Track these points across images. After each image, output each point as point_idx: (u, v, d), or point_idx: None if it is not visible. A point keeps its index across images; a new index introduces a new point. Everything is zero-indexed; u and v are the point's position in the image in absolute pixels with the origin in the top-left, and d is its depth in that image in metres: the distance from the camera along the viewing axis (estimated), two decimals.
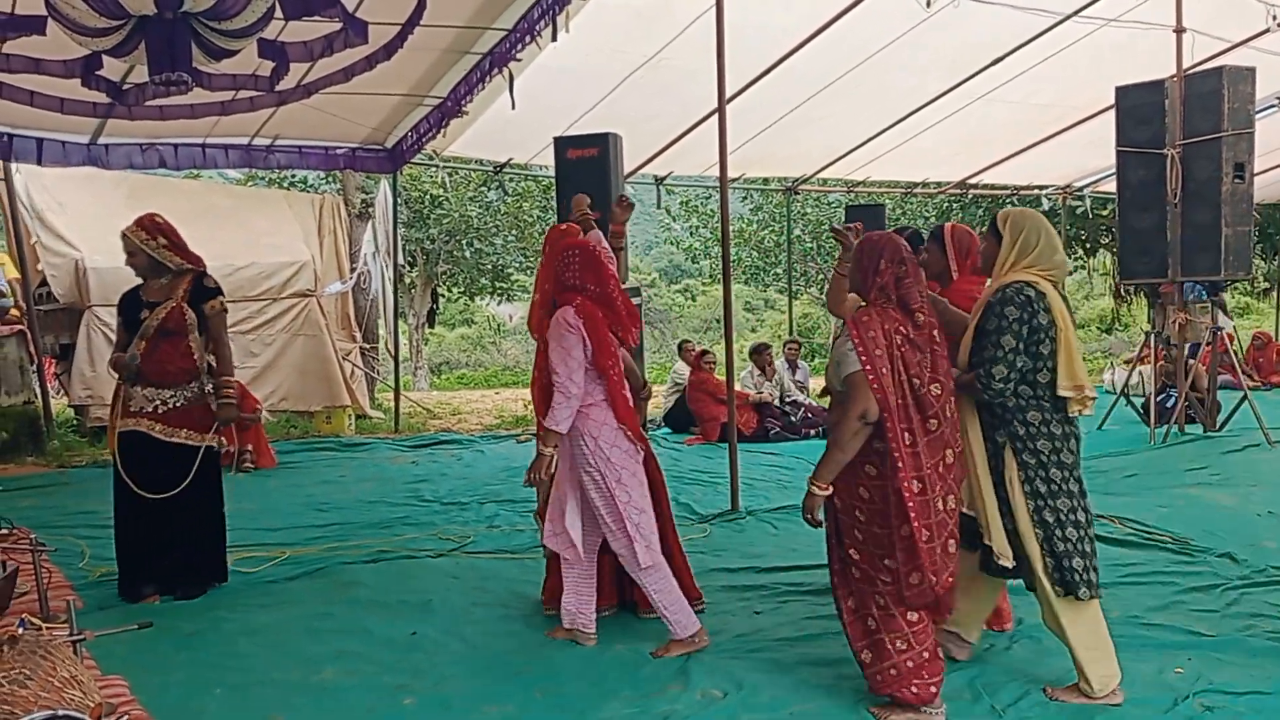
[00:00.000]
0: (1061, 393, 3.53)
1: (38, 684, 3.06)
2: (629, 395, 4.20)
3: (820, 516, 3.50)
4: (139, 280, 4.99)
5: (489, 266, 20.77)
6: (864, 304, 3.54)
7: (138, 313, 4.89)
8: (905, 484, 3.32)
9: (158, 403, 4.84)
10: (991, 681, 3.66)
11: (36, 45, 4.94)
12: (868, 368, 3.34)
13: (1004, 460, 3.58)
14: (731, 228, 7.29)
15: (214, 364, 4.96)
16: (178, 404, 4.87)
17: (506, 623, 4.53)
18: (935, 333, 3.49)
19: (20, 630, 3.30)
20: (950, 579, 3.43)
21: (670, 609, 4.08)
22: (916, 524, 3.32)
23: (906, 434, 3.36)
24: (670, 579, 4.13)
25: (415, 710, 3.59)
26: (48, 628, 3.63)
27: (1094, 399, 3.64)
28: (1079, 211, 15.53)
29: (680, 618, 4.08)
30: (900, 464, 3.32)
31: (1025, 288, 3.54)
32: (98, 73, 5.19)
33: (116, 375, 4.94)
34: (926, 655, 3.42)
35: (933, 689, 3.41)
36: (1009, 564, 3.58)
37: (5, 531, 5.49)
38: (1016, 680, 3.68)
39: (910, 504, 3.32)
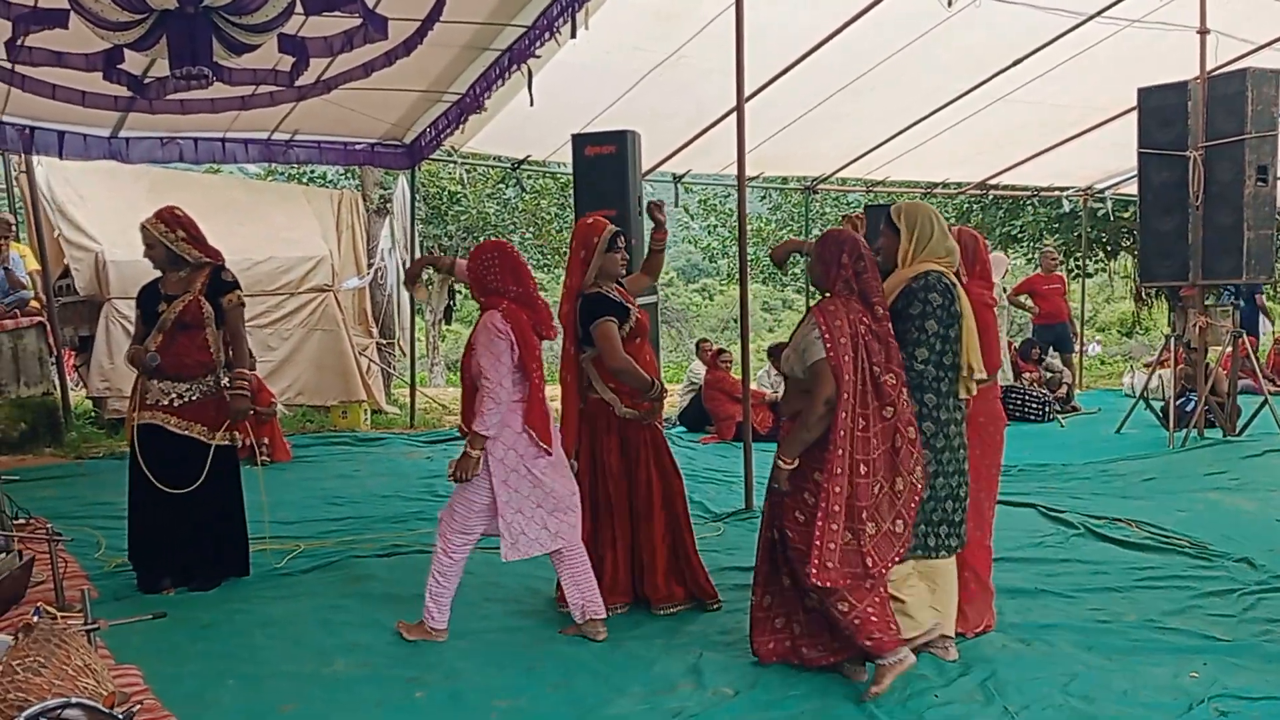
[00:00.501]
0: (967, 374, 3.78)
1: (52, 672, 3.08)
2: (544, 397, 4.26)
3: (786, 488, 3.66)
4: (158, 273, 5.01)
5: None
6: (827, 295, 3.74)
7: (156, 305, 4.91)
8: (830, 466, 3.51)
9: (174, 396, 4.86)
10: (1003, 683, 3.64)
11: (59, 39, 4.97)
12: (832, 355, 3.53)
13: None
14: (749, 227, 7.27)
15: (230, 357, 4.99)
16: (193, 397, 4.89)
17: (518, 618, 4.53)
18: (889, 324, 3.66)
19: (35, 619, 3.33)
20: (896, 558, 3.62)
21: (440, 595, 4.25)
22: (825, 506, 3.51)
23: (861, 419, 3.54)
24: (452, 571, 4.27)
25: (426, 703, 3.60)
26: (63, 617, 3.66)
27: (984, 378, 3.90)
28: (1100, 213, 15.43)
29: (438, 612, 4.24)
30: (837, 447, 3.51)
31: (942, 277, 3.78)
32: (119, 66, 5.22)
33: (134, 368, 4.97)
34: (872, 610, 3.56)
35: (887, 639, 3.55)
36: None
37: (22, 521, 5.53)
38: (1028, 682, 3.65)
39: (824, 484, 3.52)
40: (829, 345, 3.54)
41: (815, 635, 3.77)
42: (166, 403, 4.85)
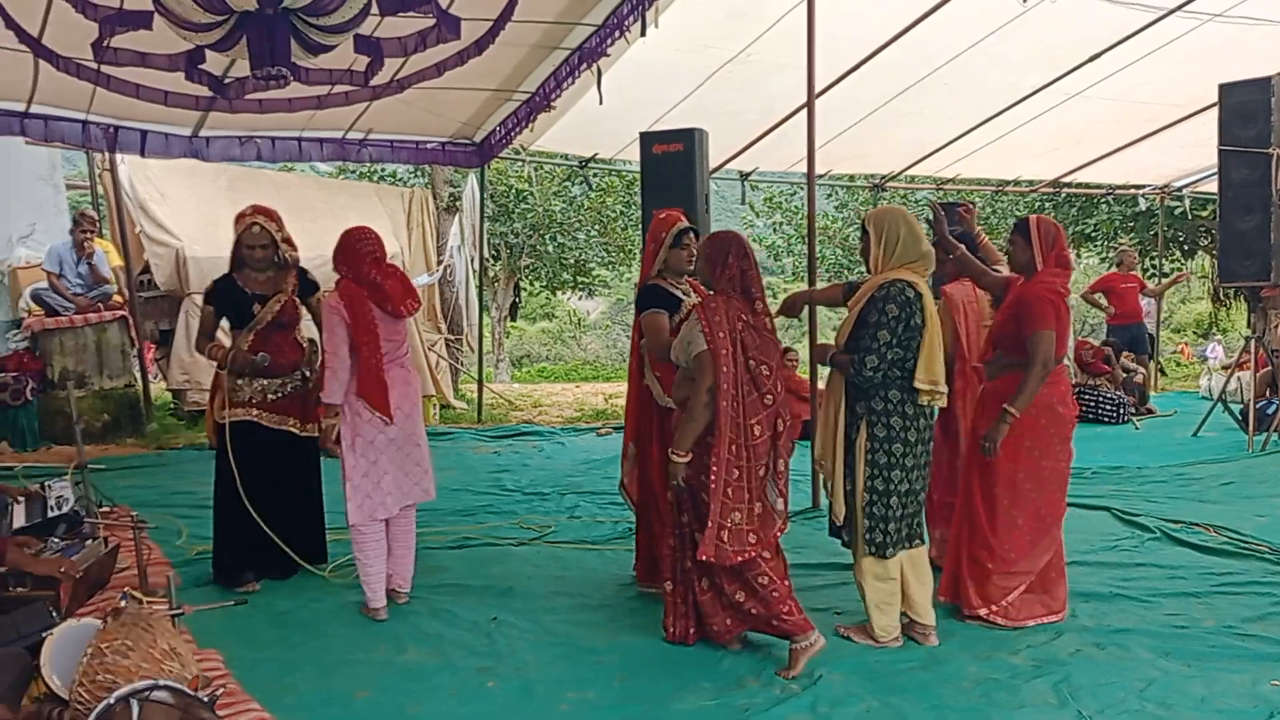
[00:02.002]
0: (917, 385, 3.93)
1: (139, 655, 3.18)
2: (379, 368, 4.47)
3: (682, 481, 3.89)
4: (232, 270, 5.04)
5: (571, 261, 20.90)
6: (712, 292, 4.00)
7: (246, 305, 4.95)
8: (718, 451, 3.77)
9: (266, 393, 4.93)
10: (1077, 687, 3.59)
11: (143, 40, 5.09)
12: (711, 347, 3.79)
13: (859, 429, 4.00)
14: (816, 225, 7.23)
15: (321, 354, 5.05)
16: (285, 392, 4.99)
17: (586, 611, 4.57)
18: (769, 320, 3.96)
19: (123, 603, 3.43)
20: (778, 533, 3.97)
21: (362, 576, 4.54)
22: (715, 487, 3.78)
23: (739, 405, 3.80)
24: (367, 549, 4.52)
25: (498, 693, 3.65)
26: (148, 602, 3.78)
27: (944, 394, 4.02)
28: (1177, 212, 15.07)
29: (367, 590, 4.51)
30: (723, 434, 3.77)
31: (907, 288, 3.92)
32: (200, 67, 5.33)
33: (227, 368, 4.92)
34: (777, 593, 3.86)
35: (800, 620, 3.84)
36: (839, 521, 4.07)
37: (107, 509, 5.71)
38: (1103, 686, 3.60)
39: (713, 468, 3.77)
40: (709, 338, 3.80)
41: (718, 613, 3.99)
42: (260, 399, 4.92)
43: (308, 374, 5.05)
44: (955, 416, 4.93)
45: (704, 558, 3.78)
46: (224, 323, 5.06)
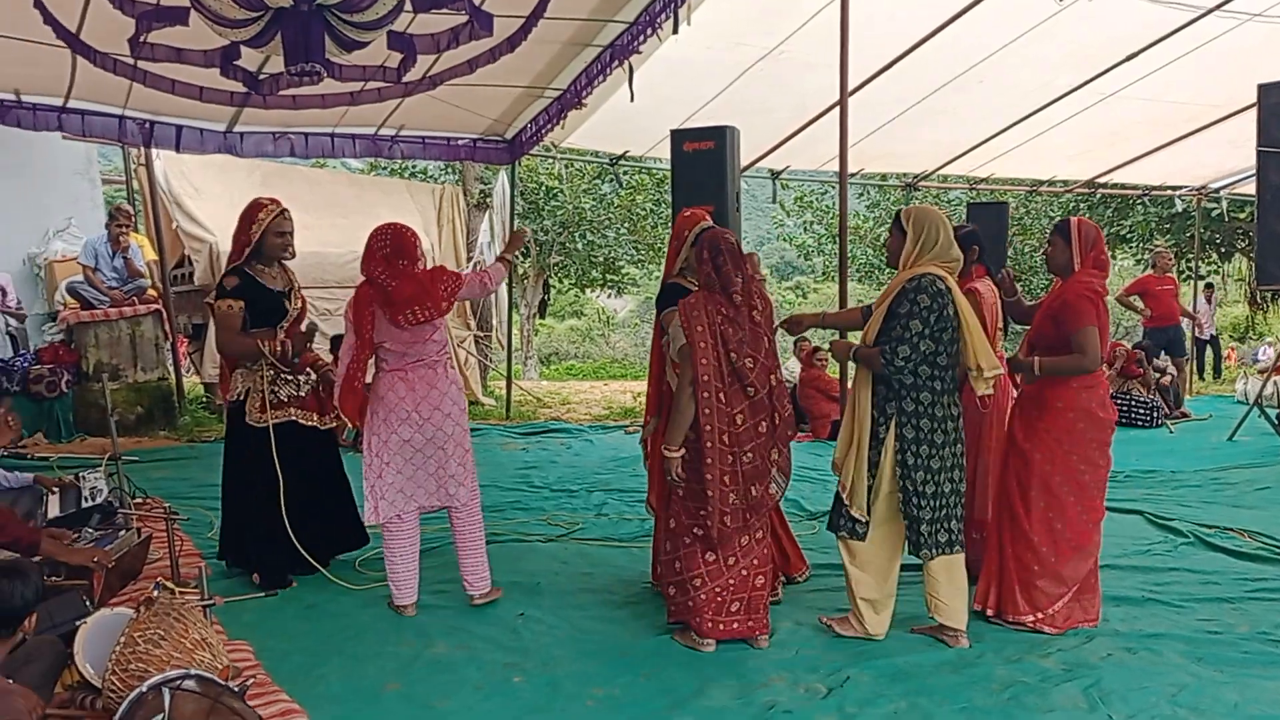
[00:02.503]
0: (983, 373, 3.95)
1: (171, 644, 3.22)
2: (355, 375, 4.44)
3: (681, 474, 4.00)
4: (244, 264, 4.88)
5: (600, 259, 20.92)
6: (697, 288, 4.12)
7: (276, 301, 4.87)
8: (706, 440, 3.91)
9: (295, 390, 4.91)
10: (1108, 691, 3.56)
11: (179, 36, 5.13)
12: (690, 341, 3.92)
13: (888, 430, 4.01)
14: (847, 224, 7.19)
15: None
16: (309, 388, 4.98)
17: (612, 608, 4.57)
18: (754, 313, 4.01)
19: (155, 593, 3.46)
20: (746, 521, 4.03)
21: (388, 572, 4.55)
22: (712, 474, 3.91)
23: (722, 396, 3.93)
24: (391, 546, 4.53)
25: (524, 688, 3.66)
26: (180, 592, 3.81)
27: (1001, 372, 4.10)
28: (1214, 214, 14.90)
29: (391, 587, 4.53)
30: (706, 424, 3.90)
31: (937, 280, 3.94)
32: (235, 63, 5.37)
33: (272, 365, 4.82)
34: (716, 590, 3.99)
35: (720, 627, 4.00)
36: (861, 517, 4.09)
37: (140, 500, 5.78)
38: (1134, 691, 3.57)
39: (708, 457, 3.90)
40: (687, 333, 3.94)
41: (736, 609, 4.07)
42: (293, 397, 4.89)
43: (313, 327, 5.07)
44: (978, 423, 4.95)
45: (721, 543, 4.00)
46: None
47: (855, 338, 4.43)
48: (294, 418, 4.86)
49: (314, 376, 5.00)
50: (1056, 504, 4.22)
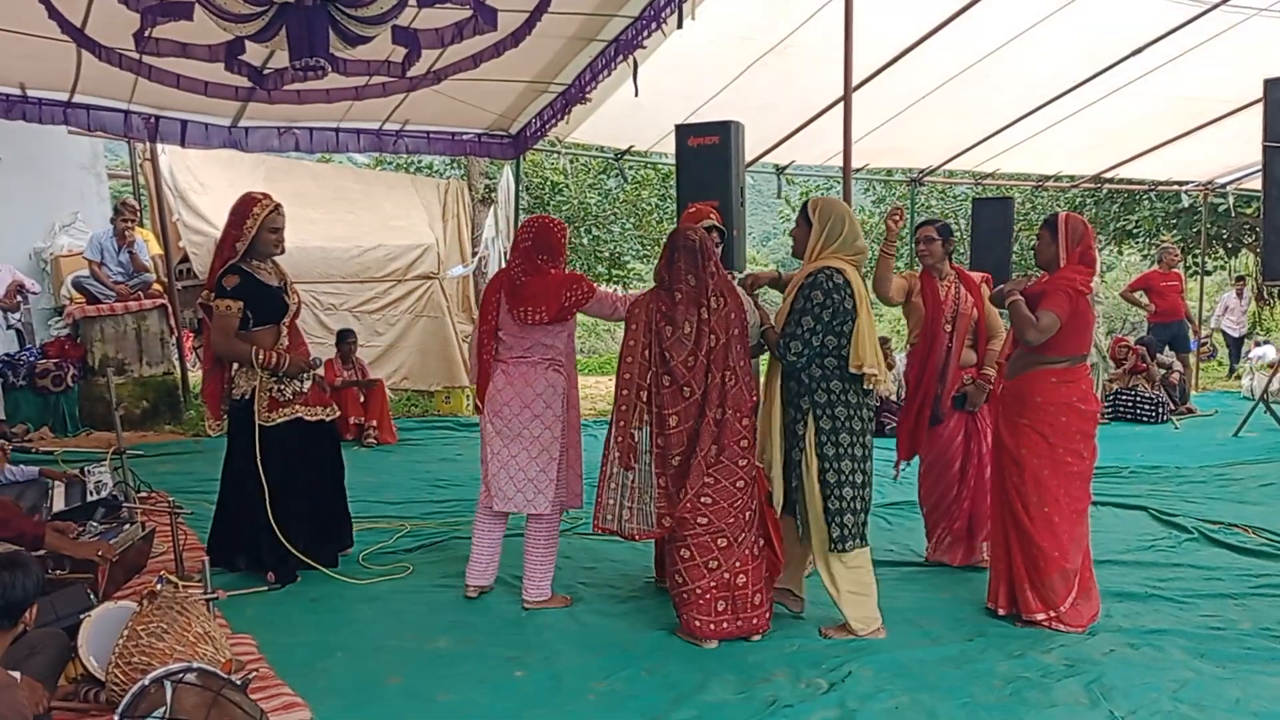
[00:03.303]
0: (852, 369, 4.00)
1: (174, 638, 3.23)
2: (483, 359, 4.63)
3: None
4: (240, 260, 4.80)
5: (606, 254, 20.89)
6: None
7: (275, 298, 4.85)
8: (615, 434, 4.01)
9: (299, 387, 4.88)
10: (1110, 687, 3.56)
11: (184, 30, 5.13)
12: (626, 341, 4.04)
13: (805, 424, 4.05)
14: None
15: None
16: (309, 383, 4.95)
17: (614, 603, 4.58)
18: (702, 310, 3.96)
19: (159, 587, 3.47)
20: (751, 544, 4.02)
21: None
22: (604, 466, 4.04)
23: (642, 392, 3.96)
24: (474, 530, 4.70)
25: (526, 682, 3.67)
26: (184, 586, 3.82)
27: (875, 376, 4.05)
28: (1221, 209, 14.85)
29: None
30: (620, 419, 3.98)
31: (835, 274, 4.01)
32: (240, 58, 5.38)
33: (283, 372, 4.78)
34: (699, 592, 3.95)
35: (711, 628, 3.97)
36: (777, 510, 4.17)
37: (145, 494, 5.79)
38: (1136, 687, 3.57)
39: (605, 450, 4.02)
40: (626, 333, 4.06)
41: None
42: (298, 394, 4.86)
43: (317, 362, 5.02)
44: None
45: (595, 528, 4.11)
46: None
47: None
48: (298, 414, 4.84)
49: (318, 371, 5.00)
50: (1050, 498, 4.23)
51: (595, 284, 4.54)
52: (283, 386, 4.82)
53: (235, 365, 4.87)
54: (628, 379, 4.01)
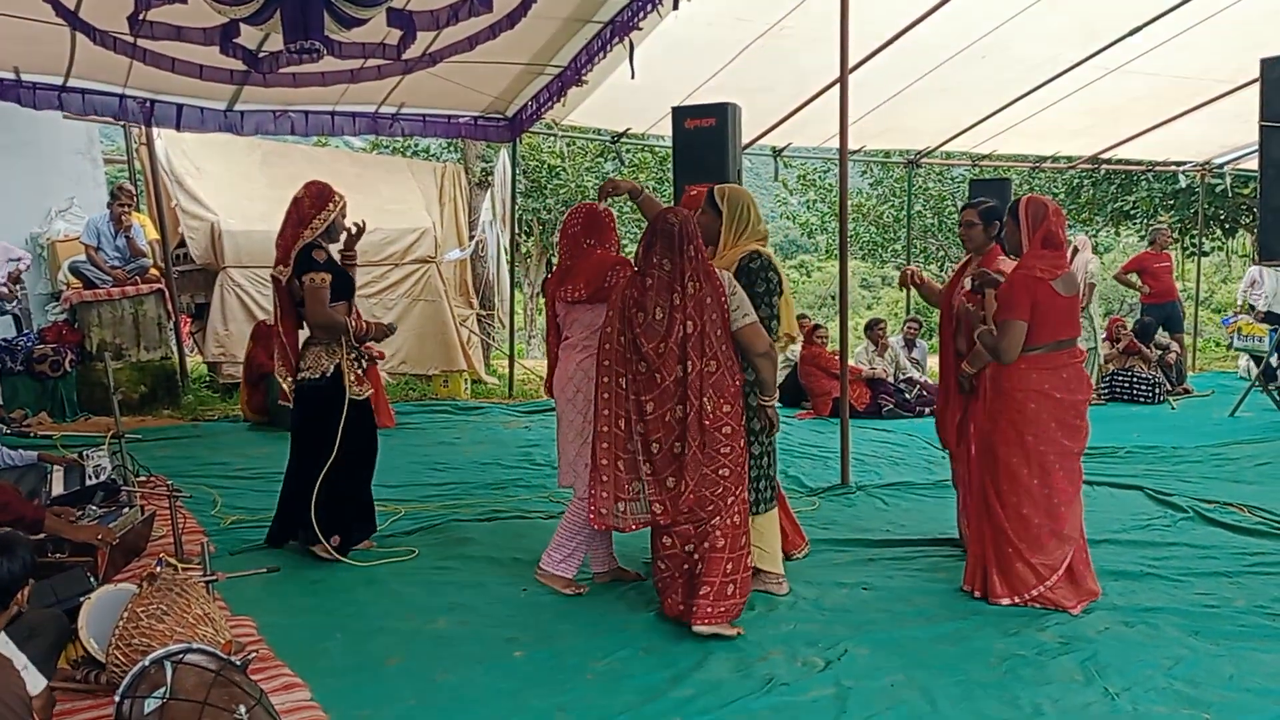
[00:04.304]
0: (784, 335, 4.32)
1: (174, 619, 3.25)
2: (550, 345, 4.72)
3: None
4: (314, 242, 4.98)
5: None
6: None
7: (348, 277, 5.07)
8: (600, 424, 4.03)
9: (364, 365, 5.05)
10: (1104, 664, 3.58)
11: (178, 13, 5.13)
12: (604, 328, 4.09)
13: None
14: (850, 202, 7.17)
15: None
16: (366, 362, 5.11)
17: (613, 584, 4.59)
18: (675, 296, 3.87)
19: (158, 569, 3.49)
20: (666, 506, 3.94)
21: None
22: (605, 458, 3.99)
23: (621, 379, 3.97)
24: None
25: (525, 662, 3.69)
26: (183, 568, 3.84)
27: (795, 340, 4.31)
28: (1218, 189, 14.84)
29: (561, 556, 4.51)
30: (604, 408, 4.01)
31: (759, 256, 4.25)
32: (235, 41, 5.37)
33: (371, 337, 5.14)
34: (665, 576, 4.02)
35: (669, 606, 4.00)
36: None
37: (144, 479, 5.81)
38: (1131, 664, 3.59)
39: (601, 440, 4.01)
40: (605, 317, 4.10)
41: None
42: (361, 371, 5.02)
43: (393, 328, 5.24)
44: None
45: (590, 524, 4.12)
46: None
47: None
48: (365, 393, 5.00)
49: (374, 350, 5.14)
50: (1021, 489, 4.23)
51: None
52: (360, 364, 4.97)
53: (305, 346, 4.96)
54: (606, 365, 4.02)
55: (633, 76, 7.89)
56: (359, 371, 4.94)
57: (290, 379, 4.98)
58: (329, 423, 4.78)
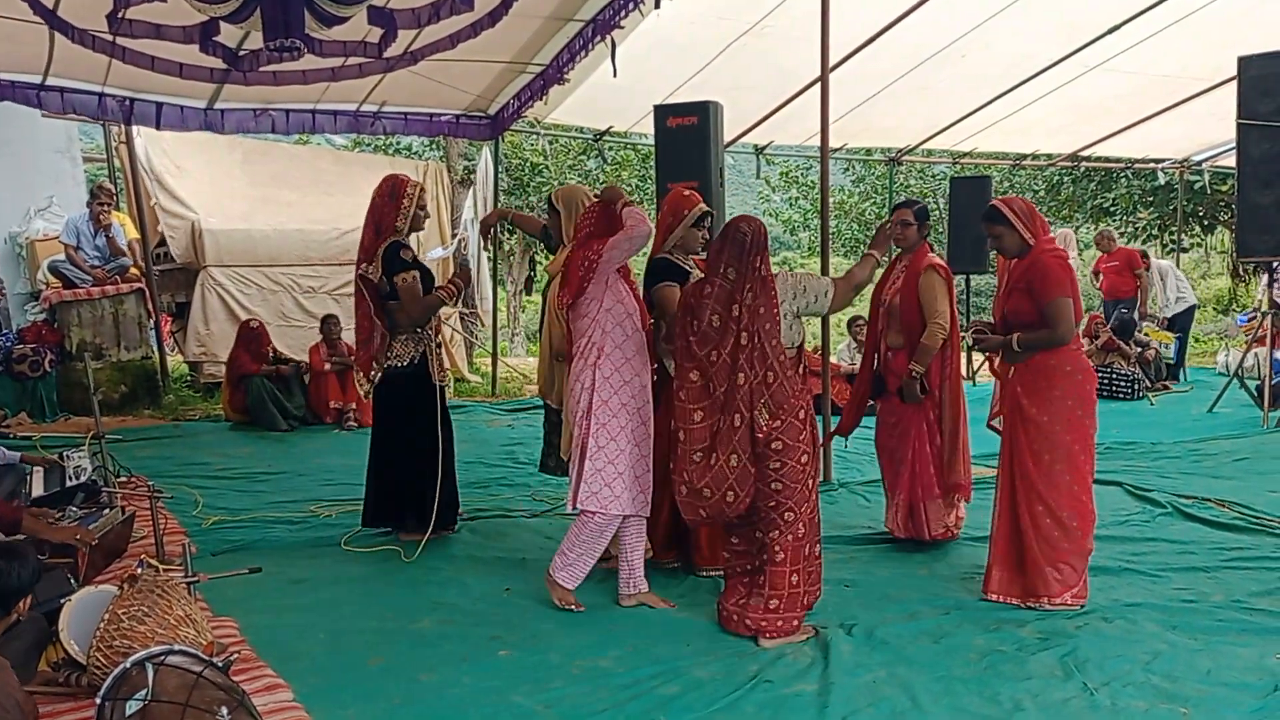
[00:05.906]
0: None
1: (155, 621, 3.24)
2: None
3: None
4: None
5: None
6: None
7: (427, 269, 5.23)
8: (678, 430, 3.97)
9: None
10: (1083, 659, 3.61)
11: (157, 11, 5.09)
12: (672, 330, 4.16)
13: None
14: (832, 199, 7.19)
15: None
16: None
17: (597, 581, 4.58)
18: (734, 307, 3.80)
19: (139, 570, 3.47)
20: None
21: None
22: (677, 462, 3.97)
23: (682, 389, 3.91)
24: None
25: (509, 661, 3.69)
26: (164, 569, 3.83)
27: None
28: (1197, 186, 14.96)
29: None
30: (680, 414, 3.96)
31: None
32: (215, 39, 5.33)
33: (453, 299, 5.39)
34: (733, 577, 4.07)
35: (732, 616, 3.96)
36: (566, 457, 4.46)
37: (124, 479, 5.78)
38: (1109, 659, 3.62)
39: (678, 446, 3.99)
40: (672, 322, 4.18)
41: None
42: None
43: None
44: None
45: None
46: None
47: None
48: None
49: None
50: (1078, 473, 4.18)
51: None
52: (442, 353, 5.18)
53: (391, 336, 5.12)
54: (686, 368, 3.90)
55: (615, 75, 7.88)
56: (440, 360, 5.16)
57: (364, 376, 5.16)
58: (419, 409, 5.04)
